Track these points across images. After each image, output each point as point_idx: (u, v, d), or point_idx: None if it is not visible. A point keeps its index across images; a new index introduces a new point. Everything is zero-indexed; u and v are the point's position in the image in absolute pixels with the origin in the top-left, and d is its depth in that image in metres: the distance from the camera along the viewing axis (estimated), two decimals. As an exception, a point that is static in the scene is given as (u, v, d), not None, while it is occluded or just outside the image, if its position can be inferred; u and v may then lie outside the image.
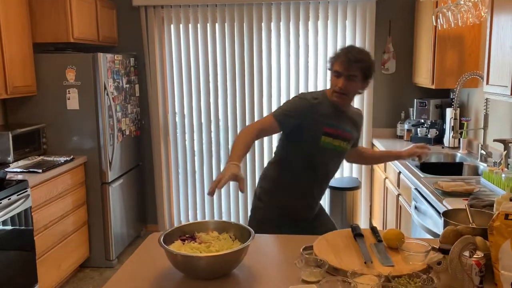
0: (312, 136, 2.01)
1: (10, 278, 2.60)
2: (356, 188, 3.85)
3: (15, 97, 3.27)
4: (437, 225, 2.16)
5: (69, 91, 3.42)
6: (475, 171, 2.99)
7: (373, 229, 1.64)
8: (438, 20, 3.07)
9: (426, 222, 2.33)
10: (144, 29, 4.09)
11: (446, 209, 2.04)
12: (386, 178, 3.57)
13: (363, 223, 4.21)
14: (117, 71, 3.67)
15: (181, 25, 4.11)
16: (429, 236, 2.21)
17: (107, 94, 3.47)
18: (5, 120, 3.51)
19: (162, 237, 1.44)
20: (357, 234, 1.58)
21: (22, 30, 3.21)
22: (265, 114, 4.17)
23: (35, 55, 3.38)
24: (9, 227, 2.59)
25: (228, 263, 1.40)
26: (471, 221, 1.60)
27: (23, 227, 2.71)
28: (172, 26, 4.12)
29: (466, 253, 1.25)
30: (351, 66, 1.90)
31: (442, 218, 1.61)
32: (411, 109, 3.99)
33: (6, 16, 3.01)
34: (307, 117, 1.97)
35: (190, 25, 4.09)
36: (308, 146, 2.02)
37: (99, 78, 3.40)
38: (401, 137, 4.03)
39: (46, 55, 3.42)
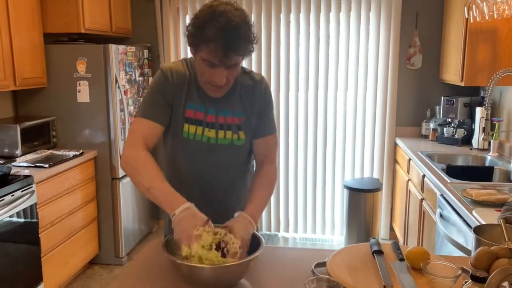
0: (174, 125, 1.51)
1: (14, 276, 2.52)
2: (376, 190, 3.65)
3: (25, 89, 3.18)
4: (466, 237, 1.97)
5: (79, 83, 3.32)
6: (507, 177, 2.76)
7: (395, 245, 1.46)
8: (471, 12, 2.84)
9: (453, 233, 2.13)
10: (159, 20, 3.95)
11: (476, 221, 1.85)
12: (409, 180, 3.37)
13: (383, 228, 4.01)
14: (130, 63, 3.55)
15: (196, 16, 3.95)
16: (455, 250, 2.02)
17: (119, 87, 3.36)
18: (15, 112, 3.44)
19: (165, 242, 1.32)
20: (376, 251, 1.41)
21: (32, 20, 3.12)
22: (282, 107, 4.00)
23: (46, 46, 3.28)
24: (13, 224, 2.50)
25: (234, 274, 1.28)
26: (506, 239, 1.41)
27: (28, 224, 2.63)
28: (187, 17, 3.97)
29: (505, 284, 1.07)
30: (228, 56, 1.33)
31: (473, 235, 1.43)
32: (437, 107, 3.76)
33: (15, 5, 2.92)
34: (167, 98, 1.48)
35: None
36: (170, 143, 1.55)
37: (110, 71, 3.28)
38: (426, 137, 3.81)
39: (56, 46, 3.32)
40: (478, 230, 1.46)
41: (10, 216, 2.47)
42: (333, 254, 1.42)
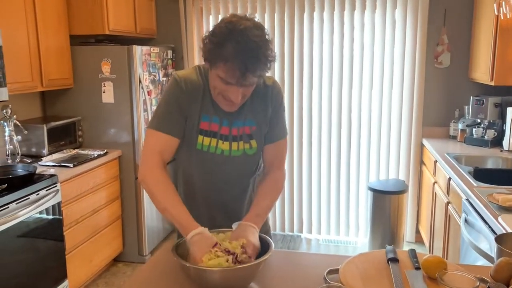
0: (188, 137, 1.48)
1: (39, 273, 2.58)
2: (402, 192, 3.57)
3: (53, 89, 3.26)
4: (491, 245, 1.89)
5: (104, 84, 3.38)
6: (538, 181, 2.65)
7: (412, 253, 1.42)
8: (501, 9, 2.72)
9: (478, 240, 2.05)
10: (182, 21, 3.98)
11: (501, 228, 1.77)
12: (435, 182, 3.27)
13: (409, 231, 3.92)
14: (153, 64, 3.59)
15: (219, 16, 3.96)
16: (480, 258, 1.94)
17: (142, 88, 3.40)
18: (43, 112, 3.53)
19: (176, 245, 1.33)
20: (391, 259, 1.37)
21: (59, 22, 3.19)
22: (305, 106, 3.96)
23: (72, 48, 3.35)
24: (38, 222, 2.56)
25: (243, 277, 1.27)
26: (531, 250, 1.34)
27: (52, 222, 2.69)
28: (210, 17, 3.98)
29: (524, 299, 1.02)
30: (245, 77, 1.29)
31: (495, 244, 1.36)
32: (466, 107, 3.64)
33: (42, 8, 2.99)
34: (182, 108, 1.44)
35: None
36: (184, 154, 1.52)
37: (134, 71, 3.32)
38: (454, 138, 3.69)
39: (82, 48, 3.39)
40: (501, 239, 1.39)
41: (35, 215, 2.54)
42: (347, 261, 1.39)
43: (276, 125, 1.55)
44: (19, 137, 2.98)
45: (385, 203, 3.57)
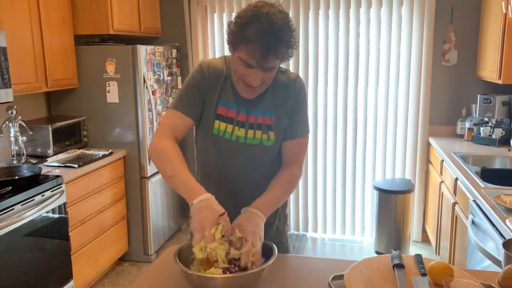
0: (205, 121, 1.51)
1: (44, 274, 2.59)
2: (408, 191, 3.54)
3: (57, 90, 3.27)
4: (499, 248, 1.87)
5: (109, 84, 3.38)
6: (547, 181, 2.61)
7: (417, 258, 1.40)
8: (509, 7, 2.68)
9: (485, 243, 2.03)
10: (187, 19, 3.96)
11: (509, 231, 1.75)
12: (442, 182, 3.24)
13: (415, 230, 3.89)
14: (158, 63, 3.58)
15: (224, 15, 3.94)
16: (486, 259, 1.92)
17: (147, 87, 3.39)
18: (48, 112, 3.54)
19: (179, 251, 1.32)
20: (397, 264, 1.35)
21: (63, 22, 3.19)
22: (310, 104, 3.94)
23: (76, 48, 3.35)
24: (43, 223, 2.57)
25: (245, 284, 1.25)
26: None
27: (57, 223, 2.70)
28: (215, 15, 3.97)
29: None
30: (267, 59, 1.31)
31: (503, 250, 1.34)
32: (473, 105, 3.60)
33: (47, 8, 2.99)
34: (201, 92, 1.49)
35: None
36: (201, 138, 1.55)
37: (138, 71, 3.32)
38: (461, 136, 3.65)
39: (86, 47, 3.39)
40: (509, 245, 1.37)
41: (40, 215, 2.54)
42: (352, 266, 1.37)
43: (297, 121, 1.54)
44: (24, 137, 2.98)
45: (391, 203, 3.54)
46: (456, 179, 2.76)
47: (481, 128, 3.42)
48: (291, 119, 1.53)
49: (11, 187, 2.39)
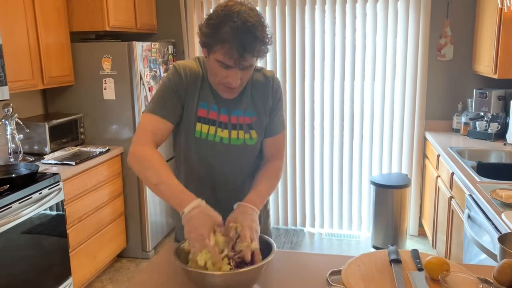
0: (186, 124, 1.49)
1: (43, 271, 2.60)
2: (405, 186, 3.56)
3: (54, 87, 3.26)
4: (494, 242, 1.88)
5: (105, 81, 3.37)
6: (542, 175, 2.63)
7: (414, 253, 1.41)
8: (505, 1, 2.69)
9: (481, 237, 2.04)
10: (183, 15, 3.95)
11: (505, 225, 1.76)
12: (438, 176, 3.26)
13: (412, 224, 3.92)
14: (154, 59, 3.57)
15: (220, 11, 3.93)
16: (483, 256, 1.94)
17: (143, 84, 3.39)
18: (45, 110, 3.53)
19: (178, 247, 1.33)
20: (394, 260, 1.36)
21: (58, 19, 3.17)
22: (307, 99, 3.94)
23: (72, 44, 3.34)
24: (41, 220, 2.57)
25: (245, 281, 1.26)
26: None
27: (55, 220, 2.70)
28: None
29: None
30: (244, 58, 1.30)
31: (498, 244, 1.36)
32: (469, 100, 3.61)
33: (42, 5, 2.97)
34: (180, 95, 1.46)
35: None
36: (182, 142, 1.52)
37: (134, 68, 3.31)
38: (457, 131, 3.67)
39: (82, 44, 3.37)
40: (504, 239, 1.38)
41: (38, 213, 2.54)
42: (349, 262, 1.38)
43: (275, 119, 1.57)
44: (21, 135, 2.98)
45: (387, 197, 3.56)
46: (452, 173, 2.78)
47: (477, 123, 3.44)
48: (271, 117, 1.55)
49: (8, 185, 2.39)
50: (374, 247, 3.70)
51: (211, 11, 1.37)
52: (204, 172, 1.54)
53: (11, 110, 2.88)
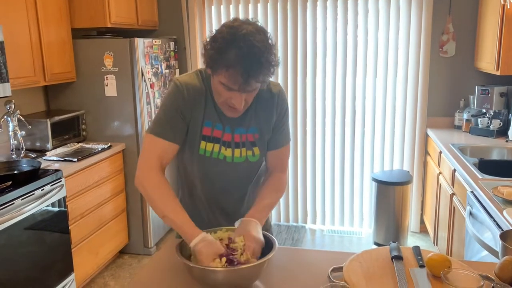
0: (190, 141, 1.47)
1: (46, 268, 2.61)
2: (406, 183, 3.56)
3: (55, 83, 3.26)
4: (496, 239, 1.89)
5: (107, 77, 3.37)
6: (544, 172, 2.63)
7: (416, 250, 1.41)
8: (507, -2, 2.68)
9: (483, 234, 2.05)
10: (184, 11, 3.95)
11: (506, 222, 1.76)
12: (440, 173, 3.26)
13: (413, 221, 3.92)
14: (156, 56, 3.57)
15: (221, 7, 3.93)
16: (484, 252, 1.94)
17: (145, 81, 3.39)
18: (46, 106, 3.53)
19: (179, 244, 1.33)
20: (395, 256, 1.37)
21: (60, 16, 3.17)
22: (308, 96, 3.94)
23: (74, 41, 3.34)
24: (43, 217, 2.58)
25: (247, 277, 1.27)
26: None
27: (57, 217, 2.71)
28: (213, 7, 3.95)
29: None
30: (248, 84, 1.28)
31: (500, 241, 1.36)
32: (471, 97, 3.61)
33: (43, 2, 2.98)
34: (184, 116, 1.43)
35: (231, 6, 3.90)
36: (186, 158, 1.51)
37: (136, 64, 3.31)
38: (459, 128, 3.67)
39: (84, 41, 3.37)
40: (506, 236, 1.38)
41: (40, 210, 2.55)
42: (351, 258, 1.39)
43: (280, 132, 1.54)
44: (23, 132, 2.99)
45: (389, 194, 3.56)
46: (454, 170, 2.78)
47: (479, 120, 3.43)
48: (275, 131, 1.53)
49: (11, 182, 2.40)
50: (376, 243, 3.70)
51: (215, 29, 1.32)
52: (207, 186, 1.54)
53: (13, 107, 2.89)
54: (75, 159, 2.93)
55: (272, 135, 1.53)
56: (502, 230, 1.72)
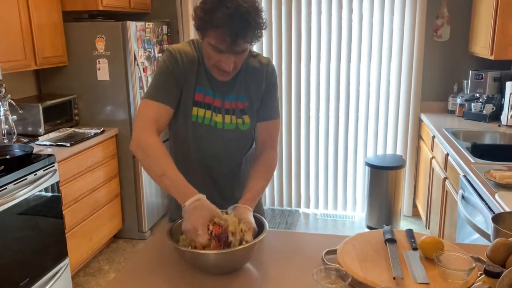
0: (183, 108, 1.48)
1: (40, 252, 2.61)
2: (399, 167, 3.58)
3: (47, 67, 3.22)
4: (488, 222, 1.91)
5: (99, 61, 3.33)
6: (536, 156, 2.65)
7: (409, 233, 1.43)
8: (502, -19, 2.67)
9: (475, 217, 2.07)
10: (177, -5, 3.89)
11: (498, 205, 1.78)
12: (433, 157, 3.28)
13: (406, 205, 3.95)
14: (149, 39, 3.53)
15: (215, -10, 3.87)
16: (476, 235, 1.96)
17: (137, 65, 3.35)
18: (38, 91, 3.49)
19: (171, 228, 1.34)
20: (389, 239, 1.38)
21: (50, -2, 3.11)
22: (303, 80, 3.93)
23: (65, 24, 3.29)
24: (36, 202, 2.57)
25: (238, 259, 1.29)
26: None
27: (51, 202, 2.70)
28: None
29: (519, 281, 1.03)
30: (236, 44, 1.30)
31: (492, 224, 1.37)
32: (465, 81, 3.61)
33: (33, -16, 2.92)
34: (178, 80, 1.45)
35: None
36: (178, 126, 1.51)
37: (129, 48, 3.27)
38: (452, 112, 3.68)
39: (75, 24, 3.32)
40: (498, 219, 1.40)
41: (34, 195, 2.54)
42: (344, 241, 1.40)
43: (269, 103, 1.56)
44: (15, 116, 2.95)
45: (382, 178, 3.58)
46: (447, 154, 2.80)
47: (472, 104, 3.44)
48: (264, 101, 1.54)
49: (3, 167, 2.38)
50: (368, 227, 3.74)
51: None
52: (199, 155, 1.54)
53: (3, 91, 2.85)
54: (68, 144, 2.91)
55: (260, 105, 1.55)
56: (494, 213, 1.73)
